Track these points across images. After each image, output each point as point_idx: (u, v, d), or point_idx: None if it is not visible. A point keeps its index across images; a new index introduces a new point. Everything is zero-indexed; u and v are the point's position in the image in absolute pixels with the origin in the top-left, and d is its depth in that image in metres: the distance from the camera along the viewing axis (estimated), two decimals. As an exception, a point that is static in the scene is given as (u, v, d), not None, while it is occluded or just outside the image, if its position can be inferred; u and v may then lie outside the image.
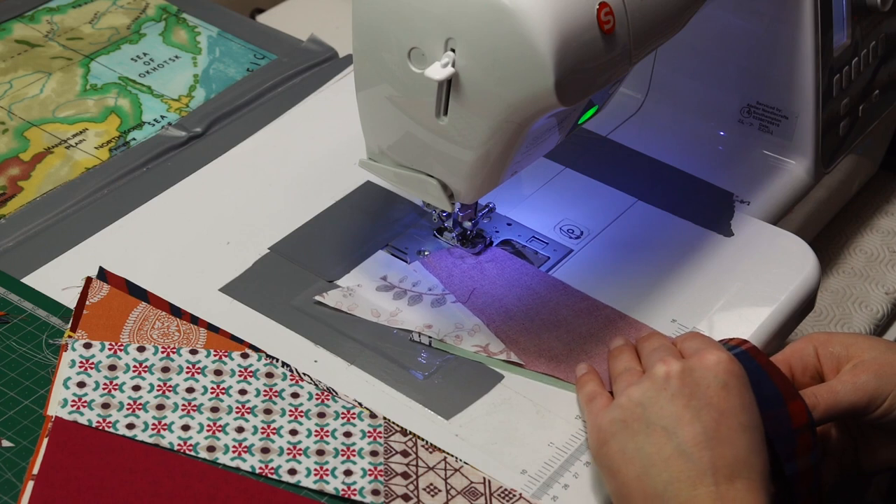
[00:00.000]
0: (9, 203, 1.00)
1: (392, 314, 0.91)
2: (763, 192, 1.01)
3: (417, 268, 0.95)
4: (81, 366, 0.85)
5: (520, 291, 0.93)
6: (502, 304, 0.92)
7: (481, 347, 0.89)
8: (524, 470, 0.82)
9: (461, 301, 0.92)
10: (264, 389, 0.85)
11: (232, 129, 1.08)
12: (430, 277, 0.94)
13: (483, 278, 0.93)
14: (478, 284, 0.93)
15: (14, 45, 1.16)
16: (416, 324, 0.90)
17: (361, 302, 0.92)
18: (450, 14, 0.77)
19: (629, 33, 0.80)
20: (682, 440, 0.75)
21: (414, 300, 0.92)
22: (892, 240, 1.09)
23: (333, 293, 0.92)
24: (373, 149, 0.89)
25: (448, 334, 0.90)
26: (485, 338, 0.89)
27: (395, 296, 0.93)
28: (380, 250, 0.96)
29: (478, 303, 0.92)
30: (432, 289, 0.93)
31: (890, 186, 1.15)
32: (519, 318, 0.91)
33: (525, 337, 0.89)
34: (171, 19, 1.21)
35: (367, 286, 0.93)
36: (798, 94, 0.99)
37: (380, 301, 0.92)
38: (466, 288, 0.93)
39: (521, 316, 0.91)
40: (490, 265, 0.94)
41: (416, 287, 0.93)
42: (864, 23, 1.02)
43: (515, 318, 0.91)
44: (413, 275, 0.94)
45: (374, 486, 0.80)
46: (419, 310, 0.92)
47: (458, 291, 0.93)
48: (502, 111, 0.79)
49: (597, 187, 1.02)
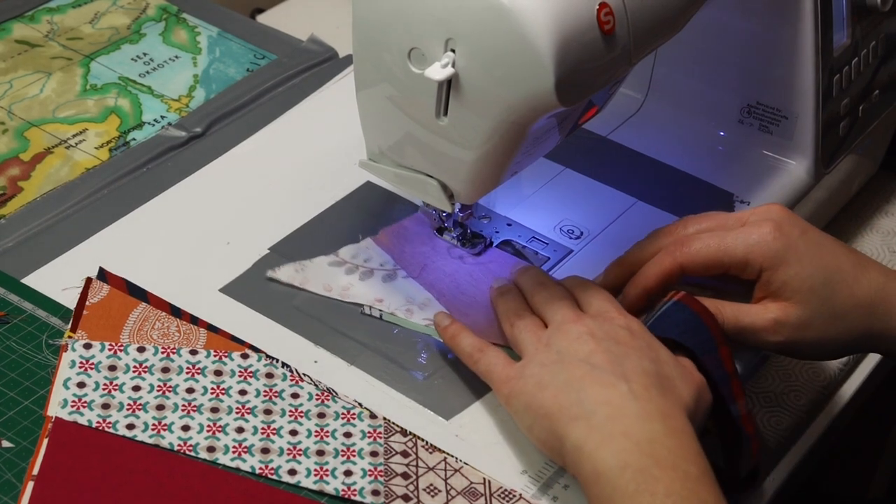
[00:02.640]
0: (9, 203, 1.00)
1: (344, 288, 0.92)
2: (763, 193, 1.01)
3: (369, 244, 0.96)
4: (81, 366, 0.85)
5: (470, 267, 0.94)
6: (453, 279, 0.93)
7: (431, 321, 0.89)
8: (524, 470, 0.82)
9: (412, 276, 0.93)
10: (264, 390, 0.85)
11: (232, 129, 1.08)
12: (381, 254, 0.95)
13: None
14: (428, 261, 0.94)
15: (14, 45, 1.16)
16: (367, 298, 0.91)
17: (313, 277, 0.93)
18: (450, 14, 0.77)
19: (629, 33, 0.80)
20: (595, 362, 0.78)
21: (365, 275, 0.93)
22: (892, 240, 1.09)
23: (285, 268, 0.93)
24: (373, 149, 0.89)
25: (399, 308, 0.91)
26: (435, 311, 0.90)
27: (347, 271, 0.94)
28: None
29: (429, 278, 0.93)
30: (383, 264, 0.94)
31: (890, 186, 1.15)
32: (469, 292, 0.92)
33: (474, 310, 0.90)
34: (171, 19, 1.21)
35: (318, 262, 0.94)
36: (798, 94, 0.99)
37: (332, 276, 0.93)
38: (417, 264, 0.94)
39: (471, 290, 0.92)
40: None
41: (368, 263, 0.94)
42: (864, 23, 1.02)
43: (466, 292, 0.92)
44: (365, 251, 0.95)
45: (374, 487, 0.80)
46: (371, 284, 0.93)
47: (409, 267, 0.94)
48: (502, 111, 0.79)
49: (597, 187, 1.02)
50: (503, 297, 0.87)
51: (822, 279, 0.84)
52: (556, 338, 0.81)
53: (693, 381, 0.80)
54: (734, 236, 0.85)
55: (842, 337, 0.85)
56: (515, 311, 0.85)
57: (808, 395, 0.97)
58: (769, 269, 0.84)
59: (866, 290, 0.84)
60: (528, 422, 0.79)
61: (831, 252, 0.85)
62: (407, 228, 0.97)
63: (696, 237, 0.86)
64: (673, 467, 0.73)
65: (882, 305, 0.84)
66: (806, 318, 0.84)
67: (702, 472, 0.74)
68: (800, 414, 0.95)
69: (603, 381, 0.77)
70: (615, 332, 0.80)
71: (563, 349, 0.80)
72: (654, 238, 0.89)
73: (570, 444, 0.76)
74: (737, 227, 0.86)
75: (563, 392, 0.77)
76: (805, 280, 0.84)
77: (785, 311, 0.84)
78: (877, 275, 0.85)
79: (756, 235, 0.85)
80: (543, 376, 0.79)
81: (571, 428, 0.76)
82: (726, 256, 0.85)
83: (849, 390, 0.99)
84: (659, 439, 0.74)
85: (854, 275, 0.85)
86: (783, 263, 0.84)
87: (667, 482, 0.72)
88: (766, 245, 0.84)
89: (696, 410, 0.78)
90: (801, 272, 0.84)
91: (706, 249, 0.85)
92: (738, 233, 0.85)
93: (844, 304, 0.84)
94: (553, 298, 0.84)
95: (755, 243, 0.84)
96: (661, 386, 0.77)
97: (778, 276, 0.84)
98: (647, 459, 0.73)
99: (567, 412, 0.77)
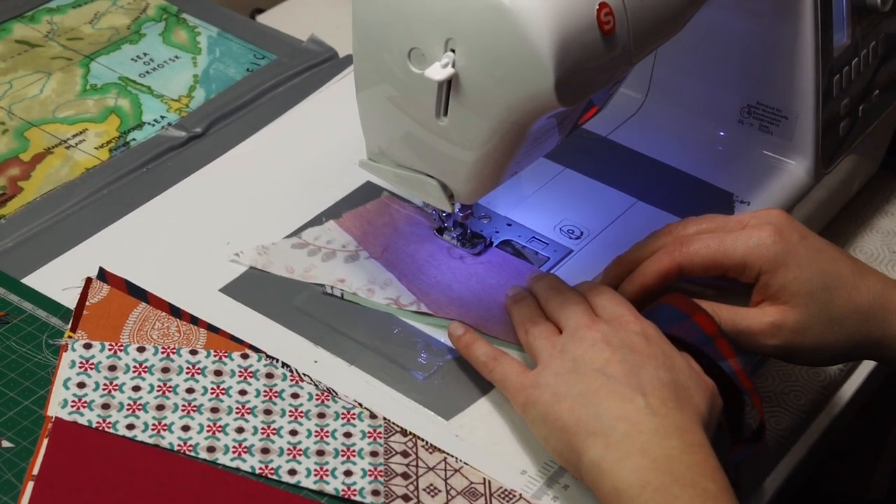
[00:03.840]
0: (9, 203, 1.00)
1: (306, 270, 0.93)
2: (763, 193, 1.01)
3: (332, 227, 0.97)
4: (81, 366, 0.85)
5: (432, 248, 0.95)
6: (414, 259, 0.94)
7: (392, 300, 0.91)
8: (524, 470, 0.82)
9: (374, 257, 0.94)
10: (264, 390, 0.85)
11: (232, 129, 1.08)
12: (343, 235, 0.96)
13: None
14: (391, 242, 0.95)
15: (14, 45, 1.16)
16: (329, 278, 0.92)
17: (276, 259, 0.94)
18: (450, 14, 0.77)
19: (629, 33, 0.80)
20: (612, 374, 0.78)
21: (328, 256, 0.94)
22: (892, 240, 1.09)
23: (248, 251, 0.95)
24: (373, 149, 0.89)
25: (360, 288, 0.92)
26: (396, 291, 0.91)
27: (310, 252, 0.95)
28: None
29: (391, 258, 0.94)
30: (346, 246, 0.95)
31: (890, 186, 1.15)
32: (430, 273, 0.93)
33: (436, 290, 0.91)
34: (171, 19, 1.21)
35: (282, 244, 0.95)
36: (798, 94, 0.99)
37: (294, 258, 0.94)
38: (379, 245, 0.95)
39: (432, 270, 0.93)
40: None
41: (331, 244, 0.95)
42: (864, 23, 1.02)
43: (427, 272, 0.93)
44: (328, 233, 0.96)
45: (374, 487, 0.80)
46: (333, 265, 0.94)
47: (372, 248, 0.95)
48: (502, 111, 0.79)
49: (597, 187, 1.02)
50: (518, 304, 0.87)
51: (820, 284, 0.84)
52: (570, 344, 0.81)
53: (706, 387, 0.80)
54: (734, 238, 0.85)
55: (839, 343, 0.85)
56: (530, 317, 0.85)
57: (808, 395, 0.97)
58: (768, 273, 0.84)
59: (865, 296, 0.84)
60: (543, 432, 0.79)
61: (831, 258, 0.85)
62: (370, 211, 0.98)
63: (695, 238, 0.86)
64: (692, 484, 0.73)
65: (881, 312, 0.84)
66: (804, 322, 0.84)
67: (720, 488, 0.74)
68: (800, 414, 0.95)
69: (620, 394, 0.77)
70: (630, 338, 0.80)
71: (578, 357, 0.80)
72: (654, 238, 0.89)
73: (587, 461, 0.76)
74: (737, 230, 0.86)
75: (580, 405, 0.77)
76: (804, 284, 0.84)
77: (783, 314, 0.84)
78: (876, 282, 0.85)
79: (756, 238, 0.85)
80: (559, 387, 0.79)
81: (589, 444, 0.76)
82: (725, 258, 0.85)
83: (849, 390, 0.99)
84: (677, 456, 0.74)
85: (853, 281, 0.85)
86: (782, 267, 0.84)
87: (686, 499, 0.73)
88: (765, 248, 0.84)
89: (710, 418, 0.78)
90: (800, 276, 0.84)
91: (705, 250, 0.85)
92: (737, 235, 0.85)
93: (842, 309, 0.84)
94: (567, 303, 0.84)
95: (755, 246, 0.84)
96: (677, 398, 0.77)
97: (776, 280, 0.84)
98: (665, 477, 0.73)
99: (584, 427, 0.77)
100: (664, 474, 0.73)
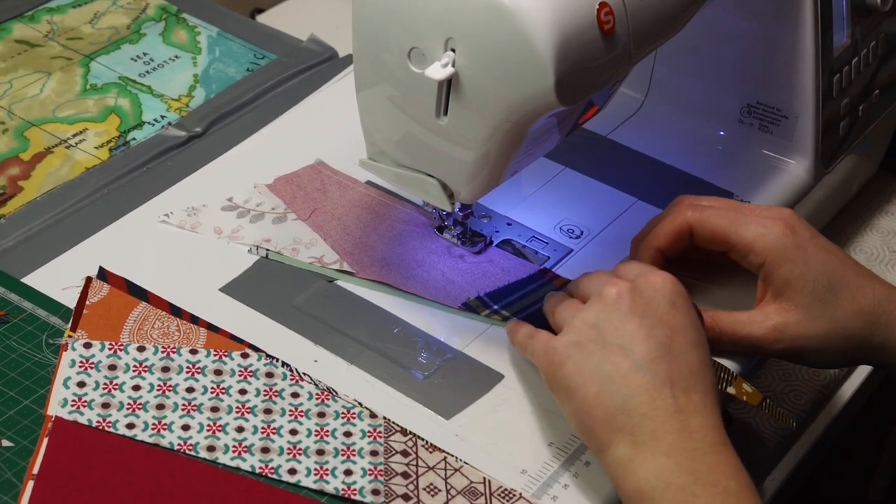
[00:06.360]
0: (9, 203, 1.00)
1: (234, 231, 0.95)
2: (763, 192, 1.01)
3: (262, 190, 0.99)
4: (81, 365, 0.85)
5: (359, 212, 0.97)
6: (342, 221, 0.96)
7: (316, 259, 0.93)
8: (524, 470, 0.82)
9: (302, 219, 0.96)
10: (264, 389, 0.85)
11: (232, 129, 1.08)
12: (273, 199, 0.98)
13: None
14: (320, 205, 0.97)
15: (14, 45, 1.16)
16: (255, 238, 0.95)
17: (205, 220, 0.96)
18: (450, 14, 0.77)
19: (629, 33, 0.80)
20: (639, 356, 0.77)
21: (256, 218, 0.96)
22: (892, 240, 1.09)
23: (177, 212, 0.97)
24: (373, 149, 0.89)
25: (285, 247, 0.94)
26: (320, 250, 0.93)
27: (239, 214, 0.97)
28: None
29: (318, 221, 0.96)
30: (275, 208, 0.97)
31: (890, 186, 1.15)
32: (355, 234, 0.95)
33: (360, 250, 0.94)
34: (171, 19, 1.21)
35: (211, 206, 0.97)
36: (798, 94, 0.99)
37: (223, 220, 0.96)
38: (308, 207, 0.97)
39: (357, 232, 0.95)
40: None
41: (260, 207, 0.97)
42: (864, 23, 1.02)
43: (352, 233, 0.95)
44: (258, 196, 0.98)
45: (374, 486, 0.80)
46: (260, 227, 0.96)
47: (300, 210, 0.97)
48: (502, 111, 0.79)
49: (597, 187, 1.02)
50: (551, 297, 0.87)
51: (826, 283, 0.84)
52: (594, 304, 0.80)
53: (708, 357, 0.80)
54: (747, 219, 0.86)
55: (841, 345, 0.85)
56: (559, 300, 0.85)
57: (808, 395, 0.97)
58: (772, 263, 0.84)
59: (870, 298, 0.85)
60: (569, 409, 0.79)
61: (838, 259, 0.85)
62: (300, 176, 1.00)
63: (710, 207, 0.87)
64: (713, 483, 0.73)
65: (885, 316, 0.85)
66: (806, 321, 0.84)
67: (742, 486, 0.74)
68: (800, 414, 0.95)
69: (647, 388, 0.76)
70: (656, 302, 0.79)
71: (601, 322, 0.79)
72: (668, 208, 0.89)
73: (612, 456, 0.76)
74: (750, 215, 0.86)
75: (606, 392, 0.77)
76: (808, 282, 0.84)
77: (785, 314, 0.84)
78: (881, 287, 0.86)
79: (768, 227, 0.85)
80: (584, 362, 0.78)
81: (615, 439, 0.76)
82: (735, 235, 0.85)
83: (849, 390, 0.99)
84: (699, 457, 0.74)
85: (858, 283, 0.85)
86: (789, 261, 0.84)
87: (707, 498, 0.73)
88: (775, 238, 0.84)
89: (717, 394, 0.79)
90: (805, 273, 0.84)
91: (718, 219, 0.86)
92: (752, 217, 0.86)
93: (847, 311, 0.84)
94: (590, 276, 0.84)
95: (766, 233, 0.85)
96: (701, 390, 0.77)
97: (781, 273, 0.84)
98: (687, 477, 0.74)
99: (612, 422, 0.76)
100: (686, 475, 0.74)
